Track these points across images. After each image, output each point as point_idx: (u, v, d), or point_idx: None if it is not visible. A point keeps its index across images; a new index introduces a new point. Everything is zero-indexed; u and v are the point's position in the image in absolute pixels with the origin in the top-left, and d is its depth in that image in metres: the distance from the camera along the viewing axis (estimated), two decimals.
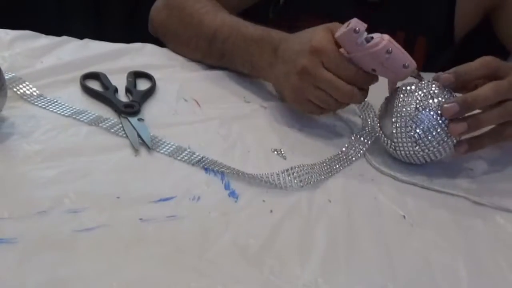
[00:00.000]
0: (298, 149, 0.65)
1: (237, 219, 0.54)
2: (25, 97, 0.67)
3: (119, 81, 0.72)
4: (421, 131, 0.60)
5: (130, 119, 0.65)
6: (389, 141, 0.63)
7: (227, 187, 0.57)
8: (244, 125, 0.69)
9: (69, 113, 0.65)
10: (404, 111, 0.61)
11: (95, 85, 0.72)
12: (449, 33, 0.89)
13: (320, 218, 0.55)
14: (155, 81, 0.74)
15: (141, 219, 0.52)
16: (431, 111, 0.60)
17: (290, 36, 0.68)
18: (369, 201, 0.58)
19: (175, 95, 0.73)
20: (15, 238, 0.48)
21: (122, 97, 0.70)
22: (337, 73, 0.62)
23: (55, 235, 0.49)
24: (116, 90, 0.71)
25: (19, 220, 0.50)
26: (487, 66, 0.60)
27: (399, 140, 0.61)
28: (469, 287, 0.49)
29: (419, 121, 0.60)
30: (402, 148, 0.62)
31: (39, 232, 0.49)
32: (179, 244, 0.50)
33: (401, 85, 0.63)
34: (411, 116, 0.60)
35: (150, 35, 0.89)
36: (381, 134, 0.64)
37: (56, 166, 0.57)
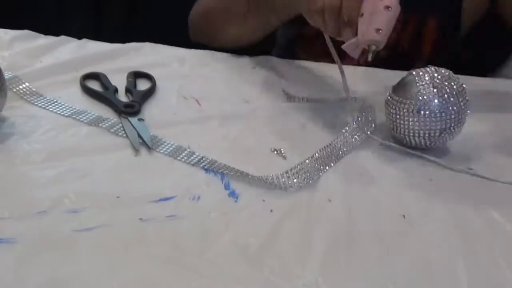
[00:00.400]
0: (298, 149, 0.65)
1: (237, 219, 0.54)
2: (25, 97, 0.67)
3: (119, 81, 0.72)
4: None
5: (130, 119, 0.65)
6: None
7: (227, 187, 0.57)
8: (244, 124, 0.69)
9: (69, 113, 0.65)
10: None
11: (95, 85, 0.72)
12: (458, 17, 0.89)
13: (320, 217, 0.55)
14: (155, 81, 0.74)
15: (141, 219, 0.52)
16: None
17: None
18: (369, 201, 0.58)
19: (175, 95, 0.73)
20: (14, 238, 0.48)
21: (122, 97, 0.70)
22: None
23: (55, 235, 0.49)
24: (116, 90, 0.71)
25: (19, 220, 0.50)
26: None
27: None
28: (469, 287, 0.49)
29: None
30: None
31: (39, 232, 0.49)
32: (179, 244, 0.50)
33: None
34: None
35: (149, 35, 0.89)
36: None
37: (56, 166, 0.57)
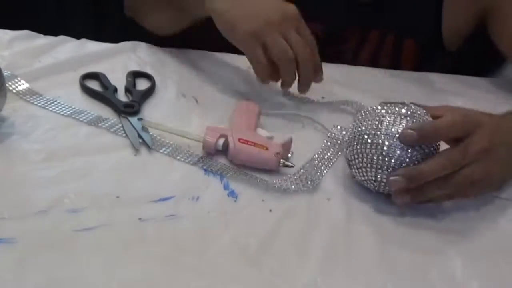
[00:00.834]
0: (298, 148, 0.65)
1: (236, 219, 0.54)
2: (25, 97, 0.67)
3: (118, 81, 0.72)
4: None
5: (130, 119, 0.65)
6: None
7: (226, 187, 0.57)
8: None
9: (69, 112, 0.65)
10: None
11: (94, 85, 0.72)
12: (439, 36, 0.89)
13: (319, 217, 0.55)
14: (154, 81, 0.74)
15: (140, 218, 0.52)
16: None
17: None
18: (368, 200, 0.58)
19: (174, 94, 0.73)
20: (14, 238, 0.48)
21: (121, 97, 0.70)
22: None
23: (54, 234, 0.49)
24: (115, 90, 0.71)
25: (18, 220, 0.50)
26: (454, 128, 0.55)
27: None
28: (467, 287, 0.50)
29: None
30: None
31: (38, 231, 0.49)
32: (179, 243, 0.50)
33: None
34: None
35: (149, 35, 0.89)
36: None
37: (55, 166, 0.57)
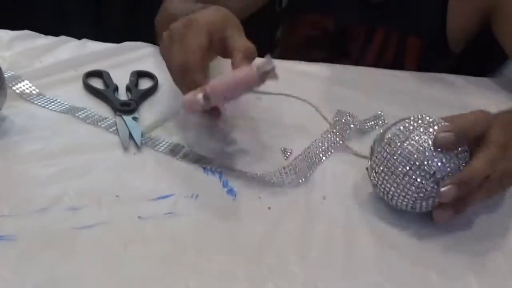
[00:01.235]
0: (298, 147, 0.65)
1: (235, 217, 0.54)
2: (25, 96, 0.67)
3: (122, 80, 0.72)
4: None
5: (124, 117, 0.65)
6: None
7: (225, 185, 0.58)
8: (242, 123, 0.69)
9: (68, 112, 0.66)
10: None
11: (97, 83, 0.72)
12: (443, 35, 0.89)
13: (317, 215, 0.55)
14: (157, 81, 0.74)
15: (139, 216, 0.52)
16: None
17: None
18: (366, 198, 0.58)
19: (174, 94, 0.73)
20: (14, 235, 0.48)
21: (122, 95, 0.71)
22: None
23: (54, 232, 0.49)
24: (116, 88, 0.71)
25: (19, 217, 0.50)
26: (481, 124, 0.53)
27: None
28: (466, 286, 0.50)
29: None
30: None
31: (38, 229, 0.49)
32: (178, 241, 0.50)
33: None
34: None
35: (149, 35, 0.89)
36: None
37: (55, 164, 0.57)
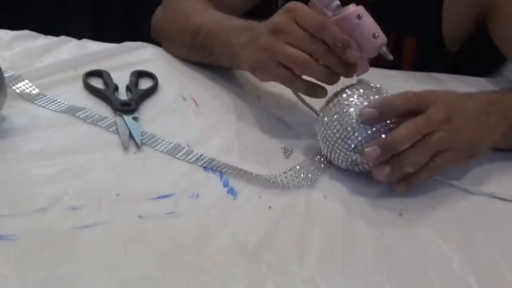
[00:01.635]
0: (299, 147, 0.65)
1: (235, 216, 0.54)
2: (25, 96, 0.67)
3: (122, 80, 0.72)
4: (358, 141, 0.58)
5: (124, 117, 0.65)
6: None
7: (225, 184, 0.58)
8: (242, 124, 0.69)
9: (68, 112, 0.65)
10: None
11: (97, 83, 0.72)
12: (439, 34, 0.89)
13: (318, 215, 0.55)
14: (157, 81, 0.74)
15: (140, 216, 0.52)
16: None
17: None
18: (366, 198, 0.58)
19: (174, 94, 0.73)
20: (15, 235, 0.48)
21: (122, 95, 0.71)
22: (308, 24, 0.60)
23: (54, 232, 0.49)
24: (116, 88, 0.71)
25: (19, 217, 0.50)
26: (408, 101, 0.58)
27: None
28: (466, 286, 0.50)
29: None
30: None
31: (38, 229, 0.49)
32: (178, 241, 0.50)
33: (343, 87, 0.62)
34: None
35: (149, 35, 0.89)
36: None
37: (55, 163, 0.57)
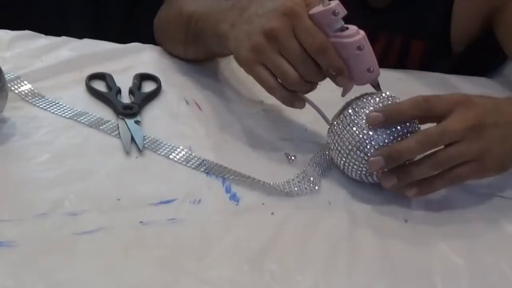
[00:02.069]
0: (301, 151, 0.65)
1: (237, 223, 0.53)
2: (26, 98, 0.67)
3: (125, 83, 0.72)
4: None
5: (127, 120, 0.65)
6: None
7: (228, 190, 0.57)
8: (245, 128, 0.69)
9: (70, 115, 0.65)
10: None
11: (99, 86, 0.71)
12: (447, 38, 0.89)
13: (321, 222, 0.55)
14: (160, 84, 0.74)
15: (141, 222, 0.52)
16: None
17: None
18: (371, 205, 0.58)
19: (177, 98, 0.72)
20: (14, 241, 0.47)
21: (125, 98, 0.70)
22: (307, 41, 0.57)
23: (54, 237, 0.49)
24: (119, 91, 0.70)
25: (18, 222, 0.50)
26: (418, 107, 0.56)
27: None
28: None
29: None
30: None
31: (38, 234, 0.49)
32: (180, 247, 0.50)
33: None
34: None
35: (149, 35, 0.88)
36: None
37: (56, 168, 0.57)
